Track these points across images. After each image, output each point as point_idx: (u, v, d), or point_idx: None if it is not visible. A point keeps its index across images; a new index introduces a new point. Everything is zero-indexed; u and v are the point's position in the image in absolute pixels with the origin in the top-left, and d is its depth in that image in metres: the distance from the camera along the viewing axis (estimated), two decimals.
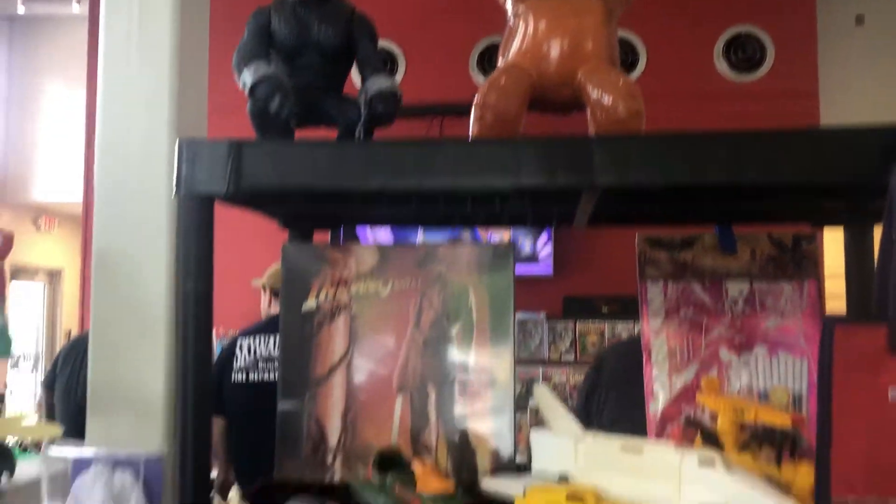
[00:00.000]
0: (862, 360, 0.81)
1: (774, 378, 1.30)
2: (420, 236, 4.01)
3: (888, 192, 0.86)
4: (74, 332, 6.40)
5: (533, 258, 5.09)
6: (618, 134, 0.99)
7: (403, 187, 0.96)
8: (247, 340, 2.72)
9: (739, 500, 0.98)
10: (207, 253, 1.01)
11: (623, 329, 4.90)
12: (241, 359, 2.66)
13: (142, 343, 1.49)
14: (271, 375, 2.65)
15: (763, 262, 1.34)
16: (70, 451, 1.07)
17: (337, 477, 1.28)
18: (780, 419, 1.11)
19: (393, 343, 1.31)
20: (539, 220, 1.35)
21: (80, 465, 1.07)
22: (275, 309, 2.88)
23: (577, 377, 4.64)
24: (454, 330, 1.30)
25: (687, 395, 1.31)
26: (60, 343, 8.07)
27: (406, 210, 1.25)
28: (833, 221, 1.34)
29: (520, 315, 4.80)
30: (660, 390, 1.32)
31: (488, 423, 1.27)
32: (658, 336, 1.33)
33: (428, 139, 0.95)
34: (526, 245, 5.09)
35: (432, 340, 1.30)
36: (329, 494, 1.10)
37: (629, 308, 4.99)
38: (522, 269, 4.92)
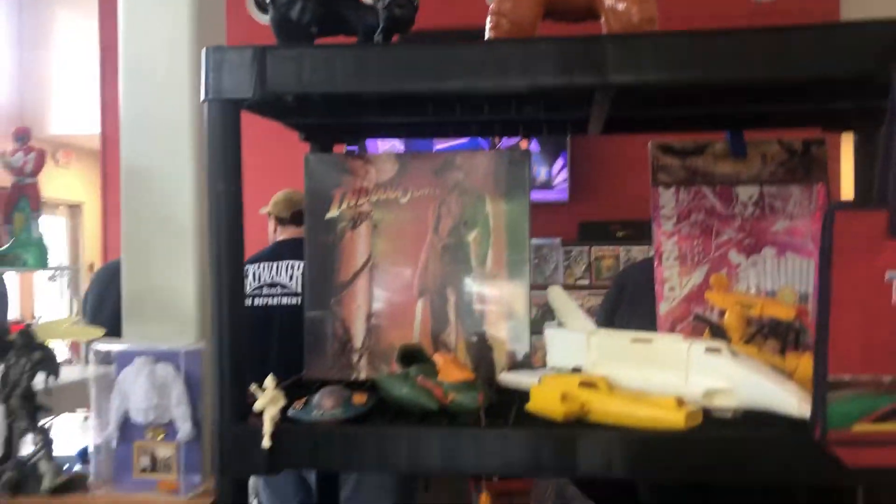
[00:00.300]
0: (861, 243, 0.85)
1: (782, 279, 1.35)
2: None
3: (892, 83, 0.89)
4: (97, 265, 6.51)
5: (548, 184, 5.11)
6: (631, 33, 1.02)
7: (421, 89, 1.00)
8: (252, 267, 2.81)
9: (744, 384, 1.03)
10: (235, 156, 1.06)
11: (638, 253, 4.93)
12: (247, 285, 2.75)
13: (172, 251, 1.55)
14: (275, 300, 2.75)
15: (773, 167, 1.37)
16: (114, 346, 1.14)
17: (362, 375, 1.35)
18: (785, 312, 1.16)
19: (413, 249, 1.37)
20: (554, 128, 1.38)
21: (124, 359, 1.14)
22: (280, 236, 2.95)
23: (592, 301, 4.71)
24: (471, 236, 1.35)
25: (696, 295, 1.36)
26: (84, 274, 8.22)
27: (423, 118, 1.29)
28: (842, 125, 1.36)
29: (535, 241, 4.84)
30: (670, 292, 1.37)
31: (505, 325, 1.33)
32: (669, 240, 1.38)
33: (445, 42, 0.98)
34: (541, 172, 5.10)
35: (451, 246, 1.35)
36: (355, 388, 1.17)
37: (644, 232, 5.00)
38: (538, 195, 4.94)
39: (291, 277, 2.78)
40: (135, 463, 1.14)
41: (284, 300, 2.74)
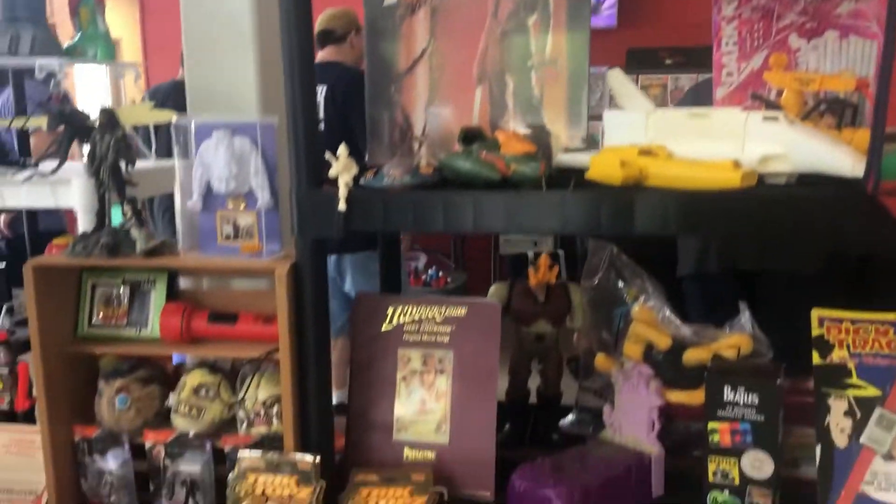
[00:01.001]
0: None
1: (843, 62, 1.34)
2: None
3: None
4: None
5: (595, 10, 4.94)
6: None
7: None
8: None
9: (800, 149, 1.06)
10: None
11: (687, 81, 4.83)
12: None
13: (232, 46, 1.58)
14: None
15: None
16: (193, 121, 1.20)
17: (423, 163, 1.41)
18: (844, 84, 1.17)
19: (472, 35, 1.37)
20: None
21: (203, 132, 1.20)
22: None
23: None
24: (531, 20, 1.35)
25: (754, 80, 1.37)
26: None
27: None
28: None
29: None
30: (727, 77, 1.38)
31: (563, 111, 1.36)
32: (729, 24, 1.37)
33: None
34: None
35: (510, 31, 1.36)
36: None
37: (693, 59, 4.88)
38: None
39: None
40: (218, 230, 1.23)
41: None
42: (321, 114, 2.82)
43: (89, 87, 5.45)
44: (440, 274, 4.60)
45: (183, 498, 1.27)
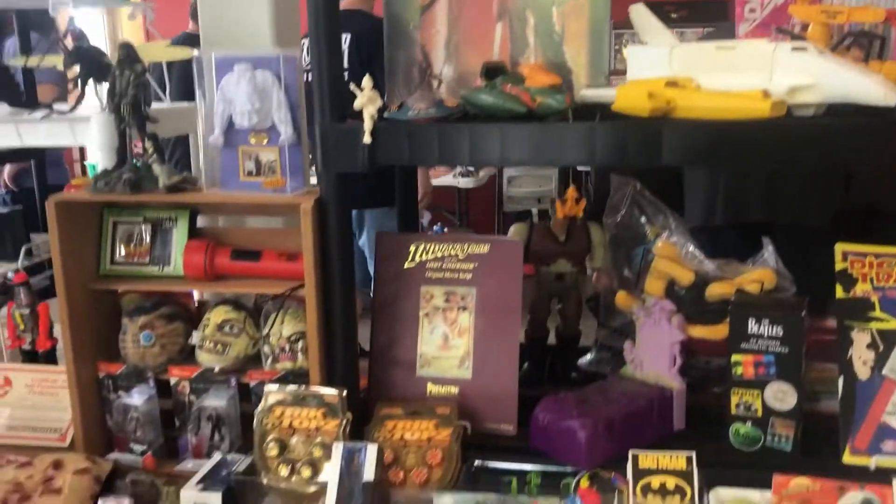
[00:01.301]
0: None
1: None
2: None
3: None
4: None
5: None
6: None
7: None
8: (306, 41, 2.81)
9: (829, 78, 1.05)
10: None
11: (692, 36, 4.77)
12: (302, 59, 2.76)
13: None
14: None
15: None
16: (213, 54, 1.19)
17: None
18: (874, 15, 1.16)
19: None
20: None
21: (224, 66, 1.19)
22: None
23: None
24: None
25: (777, 15, 1.35)
26: None
27: None
28: None
29: None
30: (750, 13, 1.36)
31: (585, 46, 1.35)
32: None
33: None
34: None
35: None
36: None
37: (698, 13, 4.83)
38: None
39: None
40: (240, 166, 1.22)
41: None
42: (345, 63, 2.78)
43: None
44: (445, 231, 4.59)
45: (209, 432, 1.28)
